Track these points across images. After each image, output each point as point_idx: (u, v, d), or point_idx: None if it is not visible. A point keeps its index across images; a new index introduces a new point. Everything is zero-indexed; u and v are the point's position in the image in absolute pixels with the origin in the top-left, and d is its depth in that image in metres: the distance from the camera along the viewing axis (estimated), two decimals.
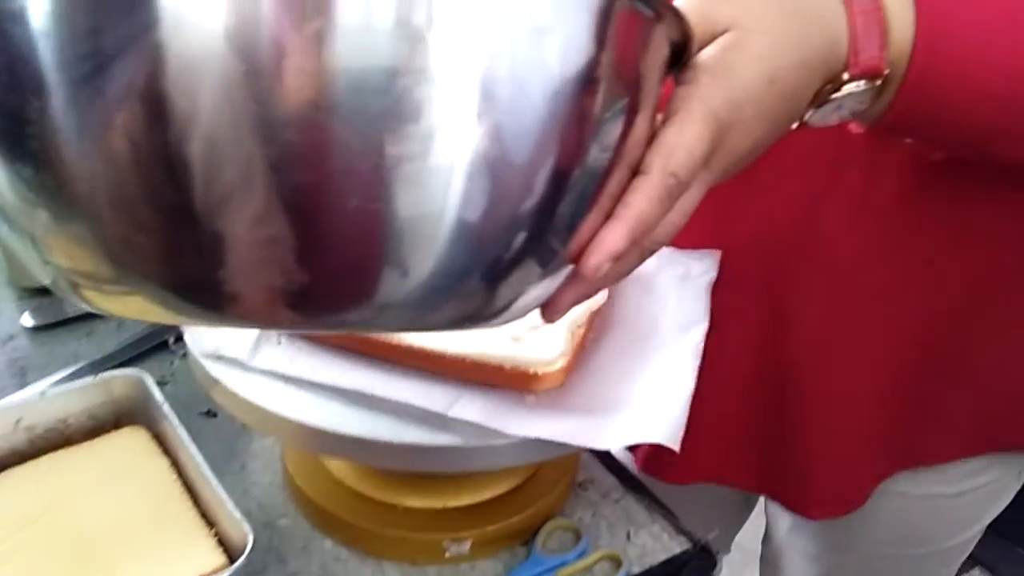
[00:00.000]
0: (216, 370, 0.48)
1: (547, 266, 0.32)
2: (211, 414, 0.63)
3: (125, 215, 0.27)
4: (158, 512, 0.49)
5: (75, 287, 0.32)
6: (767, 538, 0.79)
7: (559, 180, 0.30)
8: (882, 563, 0.68)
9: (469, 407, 0.45)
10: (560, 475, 0.57)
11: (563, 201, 0.30)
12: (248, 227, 0.27)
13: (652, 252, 0.35)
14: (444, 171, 0.27)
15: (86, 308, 0.33)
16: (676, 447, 0.42)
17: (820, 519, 0.65)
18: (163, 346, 0.70)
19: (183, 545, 0.47)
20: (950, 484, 0.63)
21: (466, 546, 0.52)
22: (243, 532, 0.45)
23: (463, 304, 0.31)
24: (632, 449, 0.68)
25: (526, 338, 0.48)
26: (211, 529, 0.48)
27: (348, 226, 0.28)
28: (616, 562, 0.53)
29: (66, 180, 0.26)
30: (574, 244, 0.31)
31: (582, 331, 0.50)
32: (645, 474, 0.63)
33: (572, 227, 0.31)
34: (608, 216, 0.31)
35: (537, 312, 0.35)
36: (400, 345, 0.47)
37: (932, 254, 0.53)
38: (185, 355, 0.69)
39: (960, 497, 0.64)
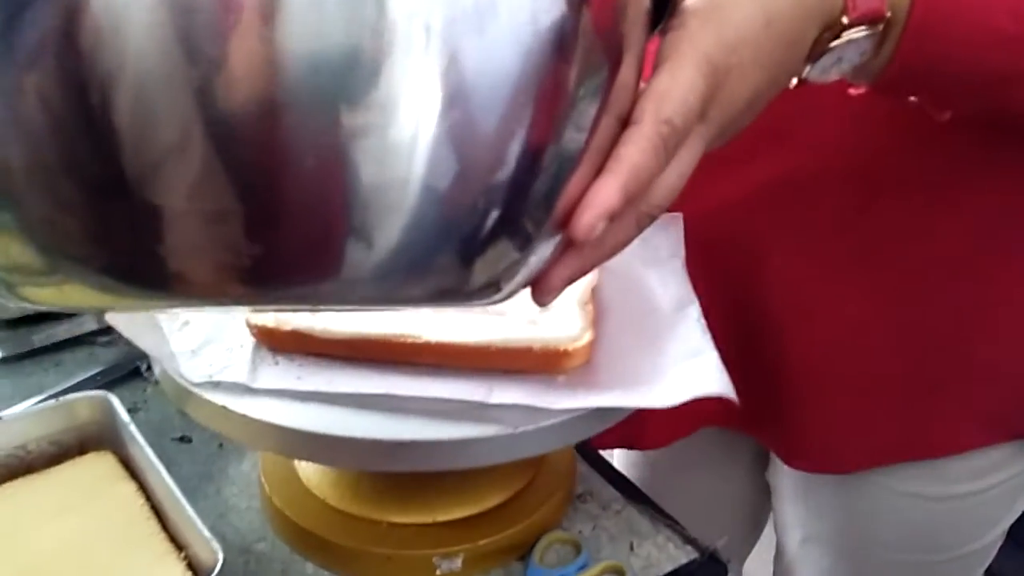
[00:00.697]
0: (211, 393, 0.44)
1: (531, 236, 0.29)
2: (185, 439, 0.60)
3: (47, 192, 0.24)
4: (123, 536, 0.45)
5: (10, 287, 0.29)
6: (779, 555, 0.75)
7: (537, 140, 0.27)
8: (899, 572, 0.64)
9: (507, 393, 0.42)
10: (556, 486, 0.54)
11: (542, 164, 0.28)
12: (187, 197, 0.24)
13: (650, 219, 0.32)
14: (407, 136, 0.25)
15: (46, 328, 0.30)
16: (735, 397, 0.41)
17: (807, 471, 0.63)
18: (135, 373, 0.67)
19: (149, 569, 0.43)
20: (966, 482, 0.60)
21: (458, 563, 0.48)
22: (213, 553, 0.41)
23: (438, 278, 0.29)
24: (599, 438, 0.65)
25: (541, 321, 0.46)
26: (181, 553, 0.44)
27: (302, 194, 0.25)
28: (620, 574, 0.50)
29: None
30: (562, 206, 0.29)
31: (591, 308, 0.48)
32: (622, 447, 0.60)
33: (555, 192, 0.29)
34: (598, 173, 0.29)
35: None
36: (416, 343, 0.45)
37: (919, 213, 0.51)
38: (158, 382, 0.66)
39: (977, 496, 0.61)
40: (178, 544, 0.45)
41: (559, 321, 0.46)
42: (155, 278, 0.26)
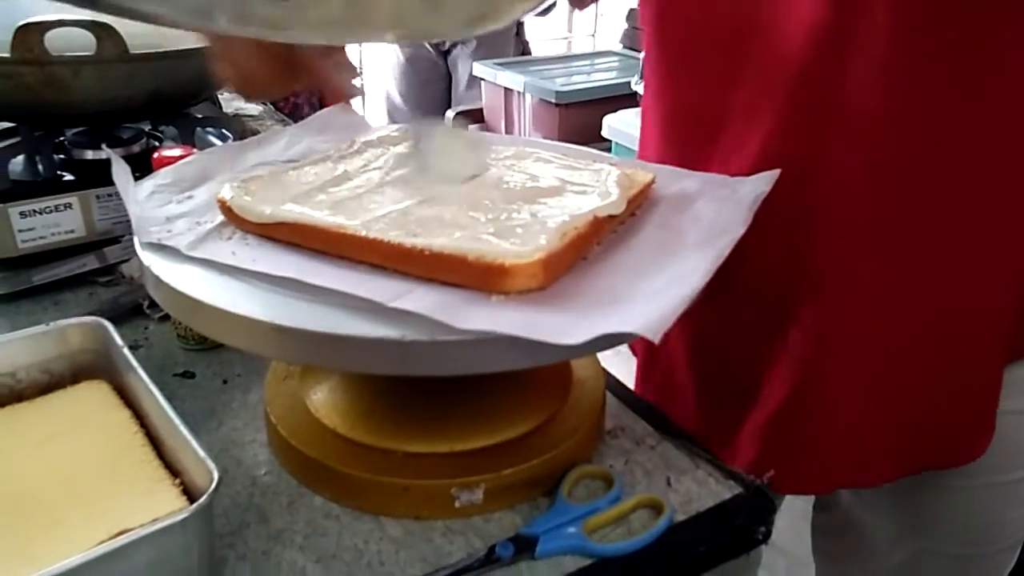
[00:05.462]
0: (155, 263, 0.43)
1: None
2: (188, 375, 0.56)
3: None
4: (115, 464, 0.42)
5: None
6: (826, 505, 0.70)
7: None
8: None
9: (416, 301, 0.37)
10: (583, 419, 0.49)
11: None
12: None
13: None
14: None
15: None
16: (655, 339, 0.34)
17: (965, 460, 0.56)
18: (137, 311, 0.63)
19: (141, 495, 0.39)
20: None
21: (479, 494, 0.44)
22: (209, 474, 0.37)
23: None
24: (752, 462, 0.59)
25: (509, 237, 0.41)
26: (176, 480, 0.41)
27: None
28: (657, 509, 0.45)
29: None
30: None
31: (576, 232, 0.41)
32: (777, 492, 0.54)
33: None
34: None
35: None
36: (354, 235, 0.41)
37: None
38: (161, 318, 0.63)
39: None
40: (174, 471, 0.42)
41: (524, 240, 0.40)
42: None
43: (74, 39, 0.63)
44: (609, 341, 0.36)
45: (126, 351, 0.47)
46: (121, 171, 0.49)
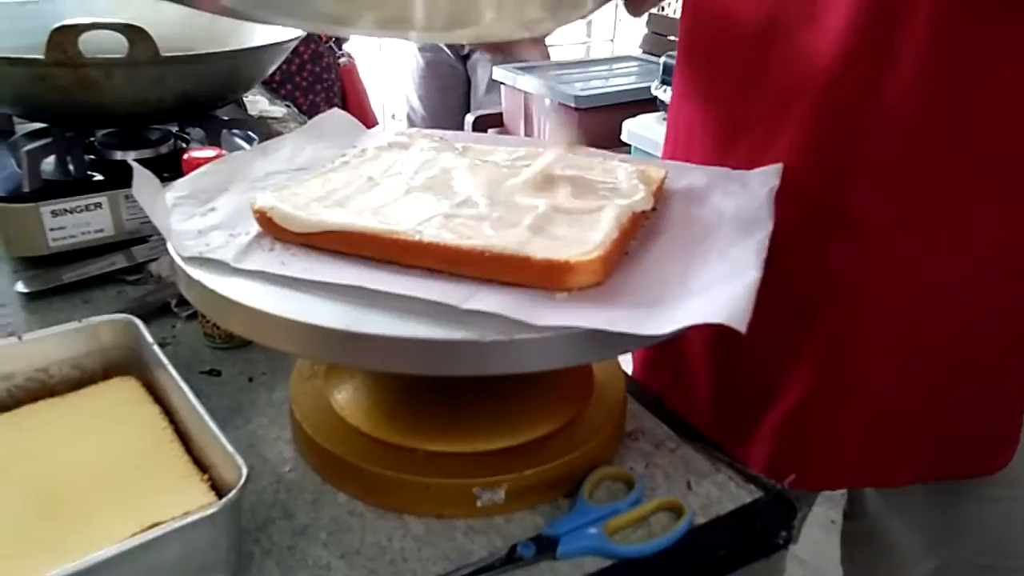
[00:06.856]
0: (202, 275, 0.42)
1: None
2: (214, 373, 0.57)
3: None
4: (145, 458, 0.43)
5: None
6: (856, 513, 0.69)
7: None
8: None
9: (486, 301, 0.38)
10: (605, 421, 0.50)
11: None
12: None
13: None
14: None
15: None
16: (742, 328, 0.35)
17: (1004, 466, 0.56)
18: (165, 309, 0.64)
19: (170, 490, 0.40)
20: None
21: (500, 494, 0.44)
22: (238, 470, 0.38)
23: None
24: (746, 454, 0.59)
25: (564, 237, 0.42)
26: (204, 475, 0.41)
27: None
28: (677, 512, 0.45)
29: None
30: None
31: (622, 229, 0.43)
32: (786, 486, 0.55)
33: None
34: None
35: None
36: (408, 241, 0.41)
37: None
38: (188, 316, 0.64)
39: None
40: (202, 466, 0.42)
41: (578, 237, 0.41)
42: None
43: (107, 42, 0.64)
44: (679, 330, 0.37)
45: (156, 348, 0.48)
46: (148, 183, 0.47)
